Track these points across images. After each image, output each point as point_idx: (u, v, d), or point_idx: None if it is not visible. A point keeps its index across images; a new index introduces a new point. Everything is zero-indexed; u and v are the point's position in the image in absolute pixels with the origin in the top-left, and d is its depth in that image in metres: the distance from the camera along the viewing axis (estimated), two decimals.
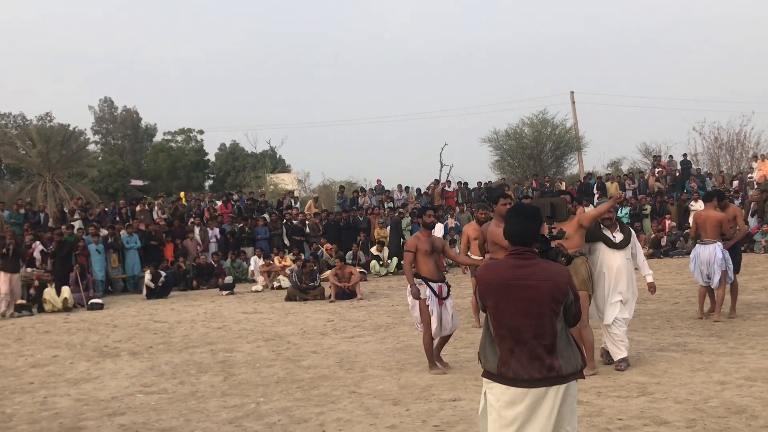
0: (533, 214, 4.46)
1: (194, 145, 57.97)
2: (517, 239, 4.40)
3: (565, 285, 4.33)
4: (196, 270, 22.23)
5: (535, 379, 4.24)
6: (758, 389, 7.66)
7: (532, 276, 4.29)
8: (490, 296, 4.36)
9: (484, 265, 4.58)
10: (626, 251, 9.06)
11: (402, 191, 31.57)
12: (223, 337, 12.75)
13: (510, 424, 4.25)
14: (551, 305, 4.28)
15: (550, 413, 4.26)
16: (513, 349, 4.27)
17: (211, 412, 7.86)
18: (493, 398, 4.34)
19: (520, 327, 4.27)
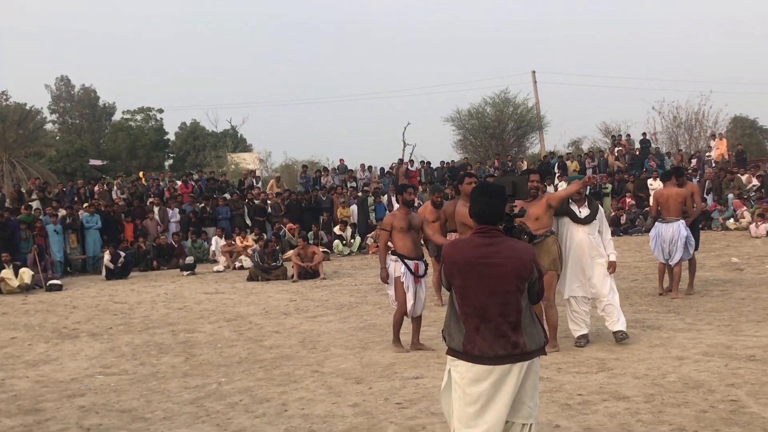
0: (498, 192, 4.47)
1: (154, 124, 57.37)
2: (482, 218, 4.41)
3: (530, 262, 4.35)
4: (157, 250, 22.03)
5: (500, 356, 4.27)
6: (715, 364, 7.78)
7: (498, 254, 4.31)
8: (456, 274, 4.36)
9: (450, 243, 4.57)
10: (591, 227, 9.02)
11: (365, 171, 31.53)
12: (184, 317, 12.67)
13: (475, 401, 4.28)
14: (517, 283, 4.31)
15: (514, 389, 4.30)
16: (479, 327, 4.28)
17: (172, 393, 7.81)
18: (458, 376, 4.35)
19: (486, 305, 4.28)
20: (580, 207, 9.08)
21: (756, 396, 6.64)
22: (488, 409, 4.28)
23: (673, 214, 12.01)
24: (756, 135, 50.09)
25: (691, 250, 12.19)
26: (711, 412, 6.27)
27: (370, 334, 10.41)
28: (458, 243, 4.51)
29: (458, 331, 4.36)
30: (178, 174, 35.96)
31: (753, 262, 16.08)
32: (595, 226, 9.07)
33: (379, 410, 6.80)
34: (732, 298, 11.78)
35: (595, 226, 9.07)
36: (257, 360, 9.17)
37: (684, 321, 10.19)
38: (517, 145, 41.54)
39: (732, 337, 9.04)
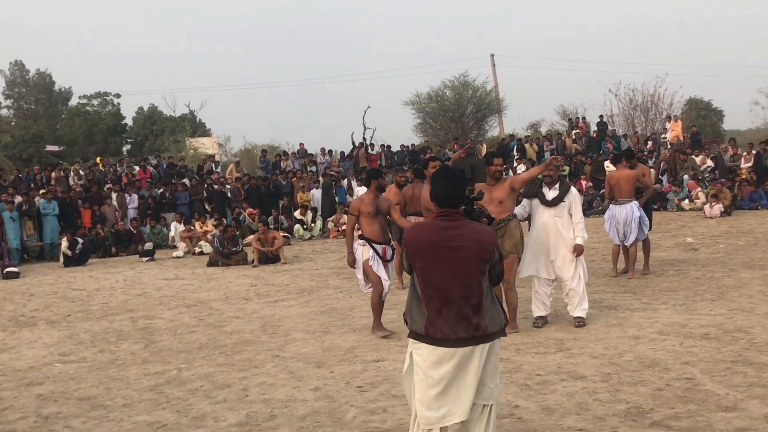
0: (459, 175, 4.48)
1: (111, 109, 56.66)
2: (444, 201, 4.42)
3: (491, 245, 4.39)
4: (115, 237, 21.81)
5: (462, 338, 4.30)
6: (670, 343, 7.92)
7: (459, 237, 4.33)
8: (418, 258, 4.38)
9: (412, 227, 4.58)
10: (558, 209, 9.04)
11: (325, 154, 31.44)
12: (143, 304, 12.58)
13: (437, 383, 4.31)
14: (478, 265, 4.34)
15: (476, 371, 4.34)
16: (441, 310, 4.31)
17: (132, 380, 7.77)
18: (420, 358, 4.37)
19: (448, 287, 4.31)
20: (550, 189, 9.13)
21: (710, 374, 6.77)
22: (450, 391, 4.32)
23: (626, 195, 12.17)
24: (710, 116, 50.69)
25: (646, 231, 12.39)
26: (666, 390, 6.39)
27: (331, 318, 10.42)
28: (420, 226, 4.53)
29: (420, 314, 4.38)
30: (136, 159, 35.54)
31: (707, 242, 16.36)
32: (562, 208, 9.07)
33: (340, 394, 6.83)
34: (687, 277, 11.99)
35: (563, 209, 9.07)
36: (217, 346, 9.14)
37: (640, 301, 10.35)
38: (476, 128, 41.66)
39: (687, 316, 9.20)
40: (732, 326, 8.49)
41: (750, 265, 12.75)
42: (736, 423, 5.51)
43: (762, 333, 8.10)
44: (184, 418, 6.46)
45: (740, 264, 12.99)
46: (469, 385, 4.34)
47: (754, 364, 6.97)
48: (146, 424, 6.35)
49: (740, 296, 10.20)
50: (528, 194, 9.29)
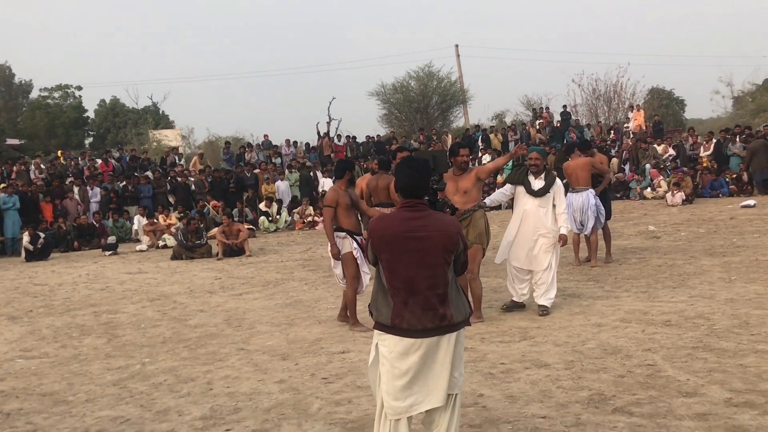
0: (424, 166, 4.49)
1: (72, 101, 55.84)
2: (409, 192, 4.42)
3: (456, 235, 4.41)
4: (77, 231, 21.57)
5: (428, 329, 4.31)
6: (632, 330, 8.01)
7: (425, 227, 4.34)
8: (384, 249, 4.37)
9: (377, 218, 4.58)
10: (544, 200, 9.10)
11: (290, 146, 31.31)
12: (106, 298, 12.46)
13: (404, 374, 4.31)
14: (444, 255, 4.36)
15: (443, 361, 4.35)
16: (407, 301, 4.30)
17: (95, 375, 7.69)
18: (386, 350, 4.37)
19: (414, 278, 4.31)
20: (536, 178, 9.17)
21: (671, 360, 6.86)
22: (417, 381, 4.33)
23: (582, 183, 12.28)
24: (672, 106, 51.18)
25: (603, 219, 12.48)
26: (629, 376, 6.46)
27: (296, 311, 10.39)
28: (385, 217, 4.52)
29: (386, 306, 4.37)
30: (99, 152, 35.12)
31: (669, 229, 16.56)
32: (548, 198, 9.13)
33: (306, 386, 6.82)
34: (649, 265, 12.12)
35: (548, 199, 9.13)
36: (181, 339, 9.09)
37: (603, 289, 10.45)
38: (441, 119, 41.76)
39: (649, 303, 9.31)
40: (693, 313, 8.60)
41: (710, 253, 12.93)
42: (697, 408, 5.58)
43: (722, 319, 8.22)
44: (148, 412, 6.41)
45: (701, 251, 13.16)
46: (436, 374, 4.35)
47: (714, 350, 7.07)
48: (109, 419, 6.29)
49: (701, 283, 10.34)
50: (513, 181, 9.35)
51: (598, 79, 39.57)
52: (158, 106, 54.94)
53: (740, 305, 8.84)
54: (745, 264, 11.54)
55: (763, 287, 9.75)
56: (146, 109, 53.56)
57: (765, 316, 8.23)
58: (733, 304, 8.91)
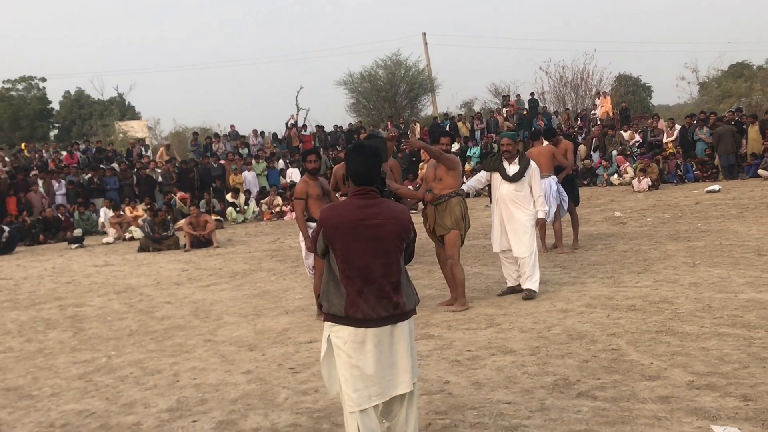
0: (375, 152, 4.46)
1: (36, 93, 55.20)
2: (362, 179, 4.38)
3: (408, 223, 4.42)
4: (43, 224, 21.34)
5: (382, 317, 4.30)
6: (597, 315, 8.08)
7: (378, 215, 4.32)
8: (338, 238, 4.31)
9: (329, 207, 4.51)
10: (519, 184, 9.17)
11: (257, 136, 31.15)
12: (72, 291, 12.35)
13: (361, 364, 4.29)
14: (397, 243, 4.36)
15: (398, 349, 4.36)
16: (362, 290, 4.28)
17: (60, 369, 7.63)
18: (340, 341, 4.33)
19: (369, 266, 4.28)
20: (510, 163, 9.22)
21: (635, 344, 6.92)
22: (375, 372, 4.31)
23: (545, 170, 12.32)
24: (639, 92, 51.58)
25: (565, 206, 12.54)
26: (593, 361, 6.52)
27: (264, 301, 10.37)
28: (338, 206, 4.46)
29: (339, 296, 4.33)
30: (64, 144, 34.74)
31: (635, 215, 16.71)
32: (524, 182, 9.20)
33: (272, 376, 6.81)
34: (615, 251, 12.23)
35: (524, 183, 9.20)
36: (148, 332, 9.03)
37: (569, 275, 10.53)
38: (409, 108, 41.75)
39: (614, 288, 9.39)
40: (657, 297, 8.69)
41: (675, 238, 13.06)
42: (660, 391, 5.64)
43: (686, 303, 8.31)
44: (114, 405, 6.37)
45: (666, 236, 13.30)
46: (394, 362, 4.36)
47: (677, 334, 7.15)
48: (75, 413, 6.25)
49: (665, 268, 10.45)
50: (488, 167, 9.45)
51: (566, 66, 39.80)
52: (124, 97, 54.55)
53: (704, 289, 8.94)
54: (709, 248, 11.67)
55: (726, 271, 9.87)
56: (112, 101, 53.13)
57: (727, 299, 8.34)
58: (696, 288, 9.01)
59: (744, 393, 5.46)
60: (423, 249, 13.62)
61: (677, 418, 5.09)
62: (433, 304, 9.17)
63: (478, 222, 16.42)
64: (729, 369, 6.04)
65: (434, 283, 10.49)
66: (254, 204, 23.66)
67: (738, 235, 12.81)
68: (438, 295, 9.71)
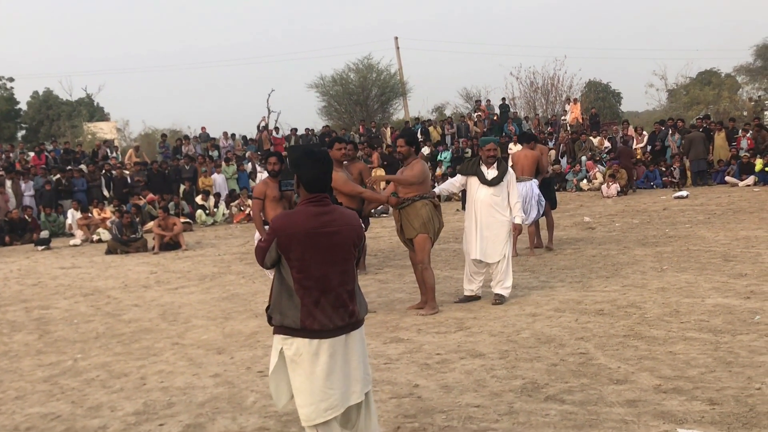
0: (326, 157, 4.37)
1: (4, 93, 54.50)
2: (314, 185, 4.27)
3: (360, 229, 4.39)
4: (9, 225, 21.08)
5: (338, 327, 4.22)
6: (566, 319, 8.12)
7: (333, 222, 4.23)
8: (294, 247, 4.17)
9: (281, 215, 4.36)
10: (498, 189, 9.10)
11: (228, 138, 31.00)
12: (38, 293, 12.21)
13: (316, 376, 4.18)
14: (352, 250, 4.30)
15: (353, 358, 4.29)
16: (319, 300, 4.18)
17: (25, 372, 7.53)
18: (293, 353, 4.21)
19: (327, 275, 4.20)
20: (489, 168, 9.19)
21: (603, 348, 6.96)
22: (330, 384, 4.20)
23: (527, 173, 12.45)
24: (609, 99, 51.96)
25: (542, 210, 12.64)
26: (561, 365, 6.55)
27: (233, 304, 10.31)
28: (291, 214, 4.31)
29: (292, 308, 4.20)
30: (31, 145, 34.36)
31: (604, 220, 16.84)
32: (502, 187, 9.14)
33: (241, 379, 6.77)
34: (583, 255, 12.31)
35: (502, 188, 9.14)
36: (115, 335, 8.94)
37: (538, 279, 10.57)
38: (381, 112, 41.82)
39: (583, 292, 9.44)
40: (625, 302, 8.75)
41: (643, 243, 13.17)
42: (627, 395, 5.67)
43: (653, 308, 8.37)
44: (80, 408, 6.30)
45: (634, 241, 13.41)
46: (348, 372, 4.27)
47: (645, 338, 7.20)
48: (40, 416, 6.17)
49: (633, 273, 10.52)
50: (465, 171, 9.38)
51: (536, 72, 39.94)
52: (93, 98, 54.03)
53: (671, 294, 9.02)
54: (677, 254, 11.78)
55: (694, 276, 9.96)
56: (81, 101, 52.63)
57: (694, 304, 8.41)
58: (664, 293, 9.08)
59: (710, 397, 5.51)
60: (393, 252, 13.64)
61: (644, 422, 5.12)
62: (403, 308, 9.17)
63: (448, 226, 16.41)
64: (696, 373, 6.09)
65: (404, 287, 10.51)
66: (224, 207, 23.54)
67: (705, 240, 12.95)
68: (408, 298, 9.71)
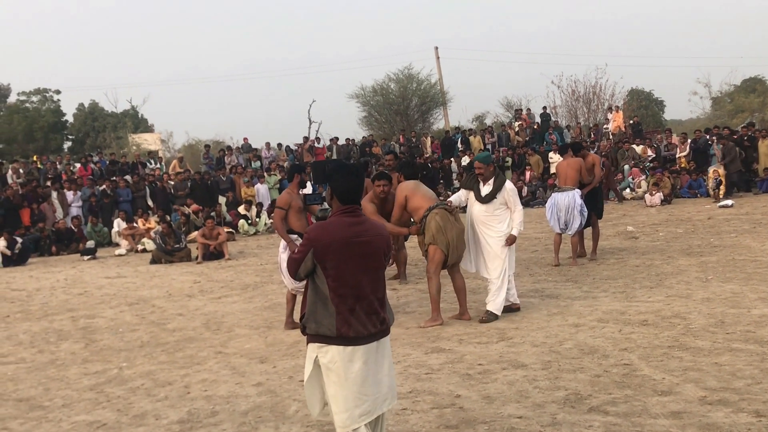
0: (360, 170, 4.61)
1: (51, 105, 55.47)
2: (348, 197, 4.45)
3: (389, 238, 4.60)
4: (56, 235, 21.43)
5: (371, 333, 4.37)
6: (609, 330, 8.05)
7: (366, 232, 4.41)
8: (330, 256, 4.32)
9: (317, 226, 4.50)
10: (491, 206, 8.98)
11: (270, 149, 31.22)
12: (84, 303, 12.39)
13: (351, 383, 4.31)
14: (382, 259, 4.49)
15: (383, 364, 4.44)
16: (354, 307, 4.32)
17: (72, 380, 7.66)
18: (329, 361, 4.33)
19: (361, 283, 4.35)
20: (484, 184, 9.13)
21: (647, 359, 6.90)
22: (364, 390, 4.33)
23: (570, 183, 12.33)
24: (652, 107, 51.56)
25: (584, 220, 12.47)
26: (605, 376, 6.49)
27: (275, 314, 10.37)
28: (326, 225, 4.46)
29: (327, 316, 4.32)
30: (77, 156, 34.90)
31: (647, 230, 16.66)
32: (495, 204, 8.99)
33: (283, 388, 6.81)
34: (627, 265, 12.19)
35: (495, 204, 8.99)
36: (159, 343, 9.05)
37: (581, 289, 10.49)
38: (421, 121, 41.81)
39: (626, 303, 9.36)
40: (669, 312, 8.66)
41: (688, 252, 13.01)
42: (671, 407, 5.62)
43: (698, 318, 8.27)
44: (125, 416, 6.39)
45: (678, 251, 13.25)
46: (379, 379, 4.41)
47: (689, 349, 7.12)
48: (86, 424, 6.27)
49: (678, 283, 10.40)
50: (465, 186, 9.38)
51: (578, 80, 39.68)
52: (137, 110, 54.79)
53: (716, 304, 8.90)
54: (722, 263, 11.62)
55: (739, 286, 9.83)
56: (125, 113, 53.39)
57: (740, 314, 8.30)
58: (709, 303, 8.97)
59: (757, 409, 5.43)
60: None
61: None
62: (445, 317, 9.12)
63: None
64: (741, 384, 6.01)
65: (445, 296, 10.46)
66: (266, 216, 23.69)
67: (751, 250, 12.76)
68: (449, 308, 9.65)
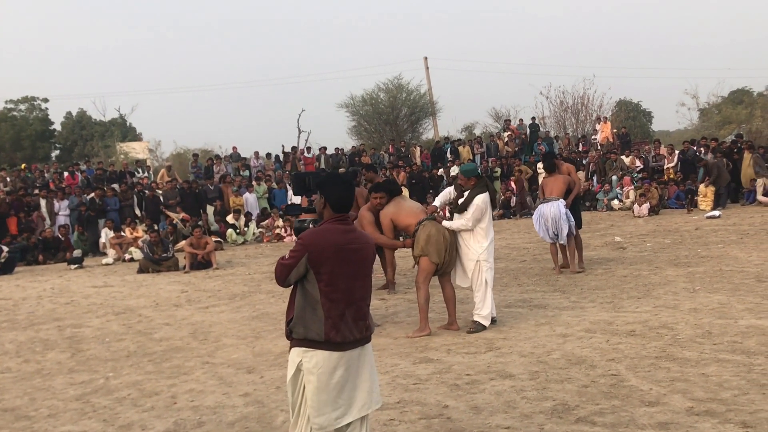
0: (351, 180, 4.77)
1: (39, 113, 55.30)
2: (341, 206, 4.59)
3: (375, 247, 4.78)
4: (42, 244, 21.33)
5: (356, 339, 4.48)
6: (597, 340, 8.06)
7: (357, 240, 4.55)
8: (324, 262, 4.40)
9: (311, 232, 4.58)
10: (464, 216, 8.94)
11: (259, 158, 31.18)
12: (71, 312, 12.32)
13: (332, 387, 4.41)
14: (370, 266, 4.64)
15: (362, 371, 4.53)
16: (344, 313, 4.42)
17: (58, 390, 7.61)
18: (313, 365, 4.39)
19: (352, 288, 4.47)
20: (462, 195, 9.12)
21: (635, 369, 6.91)
22: (342, 395, 4.44)
23: (555, 193, 12.48)
24: (640, 118, 51.71)
25: (572, 229, 12.54)
26: (592, 386, 6.50)
27: (263, 323, 10.35)
28: (321, 231, 4.54)
29: (316, 321, 4.40)
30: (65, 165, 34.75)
31: (635, 240, 16.70)
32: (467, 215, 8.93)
33: (270, 399, 6.79)
34: (614, 276, 12.22)
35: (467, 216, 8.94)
36: (146, 353, 9.01)
37: (569, 299, 10.51)
38: (411, 131, 41.84)
39: (614, 313, 9.37)
40: (657, 323, 8.68)
41: (675, 263, 13.05)
42: (659, 417, 5.62)
43: (685, 329, 8.29)
44: (111, 427, 6.35)
45: (666, 262, 13.29)
46: (359, 384, 4.50)
47: (677, 360, 7.14)
48: None
49: (665, 293, 10.43)
50: (455, 187, 9.42)
51: (566, 91, 39.83)
52: (126, 119, 54.64)
53: (703, 315, 8.93)
54: (709, 274, 11.66)
55: (726, 297, 9.86)
56: (113, 122, 53.21)
57: (727, 325, 8.33)
58: (696, 314, 9.00)
59: (743, 420, 5.45)
60: None
61: None
62: (433, 327, 9.12)
63: None
64: (729, 395, 6.02)
65: (433, 306, 10.45)
66: (254, 226, 23.65)
67: (738, 261, 12.81)
68: (437, 318, 9.67)
